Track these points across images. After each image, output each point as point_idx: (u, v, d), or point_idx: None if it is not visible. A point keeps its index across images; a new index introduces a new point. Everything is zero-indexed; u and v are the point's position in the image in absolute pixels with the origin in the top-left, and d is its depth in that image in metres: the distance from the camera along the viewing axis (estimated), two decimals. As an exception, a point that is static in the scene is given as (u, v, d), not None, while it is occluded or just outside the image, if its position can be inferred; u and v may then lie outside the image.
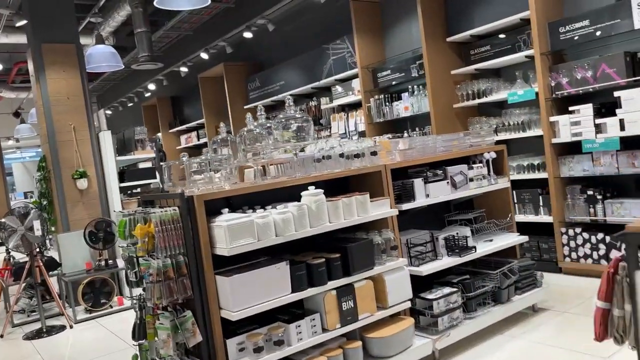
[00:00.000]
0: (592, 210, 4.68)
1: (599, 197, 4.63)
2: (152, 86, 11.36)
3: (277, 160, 3.37)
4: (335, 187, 3.38)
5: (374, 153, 3.45)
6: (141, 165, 6.91)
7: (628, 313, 2.22)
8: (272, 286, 2.80)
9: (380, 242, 3.25)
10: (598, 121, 4.50)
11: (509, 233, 4.15)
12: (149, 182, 6.51)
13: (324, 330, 2.99)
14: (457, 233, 3.84)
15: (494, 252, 3.87)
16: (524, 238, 4.08)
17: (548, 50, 4.81)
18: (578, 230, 4.76)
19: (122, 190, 6.42)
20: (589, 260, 4.70)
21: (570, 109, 4.69)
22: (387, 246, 3.29)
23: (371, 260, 3.17)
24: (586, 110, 4.57)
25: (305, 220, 2.94)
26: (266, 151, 3.18)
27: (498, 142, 4.49)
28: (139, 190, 6.90)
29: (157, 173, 6.30)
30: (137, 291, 3.10)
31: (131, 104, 13.13)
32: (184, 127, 11.48)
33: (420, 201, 3.59)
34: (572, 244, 4.81)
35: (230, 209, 2.96)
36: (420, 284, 3.49)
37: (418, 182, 3.60)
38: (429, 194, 3.63)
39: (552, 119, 4.82)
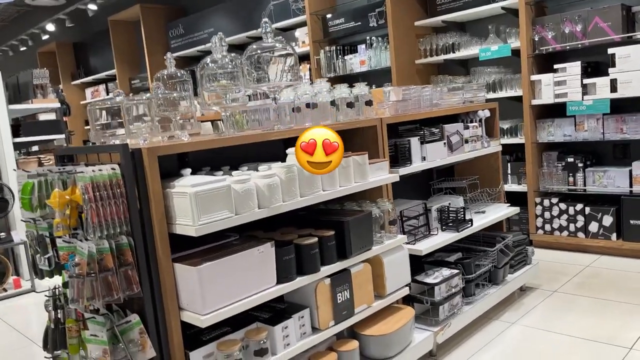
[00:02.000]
0: (571, 179, 4.33)
1: (579, 164, 4.28)
2: (51, 27, 9.65)
3: (247, 107, 2.55)
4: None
5: (369, 103, 2.73)
6: (42, 117, 5.65)
7: None
8: (254, 276, 2.03)
9: (378, 215, 2.58)
10: (586, 81, 4.10)
11: (499, 204, 3.66)
12: (52, 137, 5.31)
13: (315, 330, 2.30)
14: (449, 203, 3.27)
15: (488, 225, 3.35)
16: (515, 209, 3.61)
17: None
18: (554, 200, 4.41)
19: (17, 146, 5.18)
20: (565, 233, 4.38)
21: (556, 66, 4.25)
22: (385, 220, 2.63)
23: (369, 238, 2.49)
24: (573, 69, 4.15)
25: (295, 187, 2.18)
26: (235, 94, 2.34)
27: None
28: (37, 147, 5.67)
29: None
30: (49, 282, 2.19)
31: (24, 49, 11.19)
32: (90, 78, 9.94)
33: (416, 165, 2.95)
34: (547, 215, 4.46)
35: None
36: (410, 264, 2.87)
37: (414, 142, 2.95)
38: (425, 156, 3.00)
39: (533, 77, 4.36)
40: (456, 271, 2.92)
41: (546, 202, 4.45)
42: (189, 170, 2.00)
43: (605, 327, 2.94)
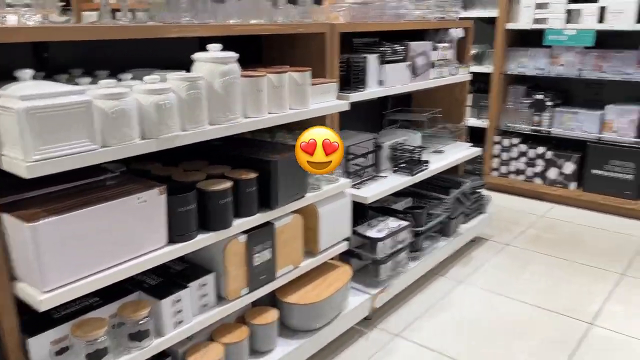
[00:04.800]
0: (536, 118, 3.88)
1: (548, 103, 3.81)
2: None
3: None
4: (239, 54, 1.93)
5: (318, 1, 2.03)
6: None
7: None
8: (129, 235, 1.42)
9: (318, 152, 1.97)
10: (572, 6, 3.53)
11: (459, 142, 3.15)
12: None
13: (221, 300, 1.75)
14: (404, 140, 2.72)
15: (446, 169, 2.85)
16: (477, 150, 3.11)
17: None
18: (515, 141, 3.97)
19: None
20: (521, 177, 3.99)
21: (540, -14, 3.64)
22: (326, 160, 2.03)
23: (303, 183, 1.91)
24: (560, -9, 3.55)
25: (201, 110, 1.52)
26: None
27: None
28: None
29: None
30: None
31: None
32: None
33: (372, 90, 2.33)
34: (505, 156, 4.04)
35: (46, 74, 1.43)
36: (352, 210, 2.34)
37: (372, 61, 2.31)
38: (383, 79, 2.38)
39: (512, -4, 3.74)
40: (405, 223, 2.43)
41: (506, 142, 4.01)
42: (29, 73, 1.28)
43: (562, 295, 2.60)
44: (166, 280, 1.65)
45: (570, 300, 2.54)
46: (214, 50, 1.57)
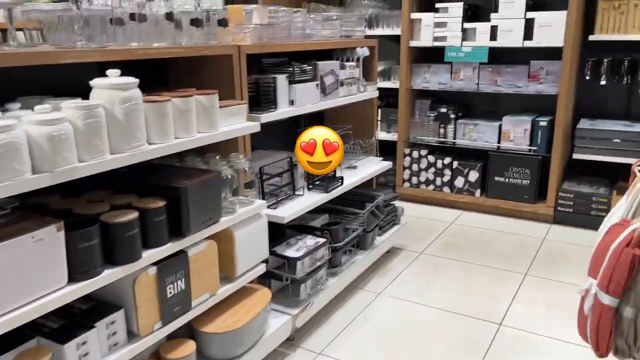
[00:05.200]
0: (442, 130, 4.08)
1: (452, 115, 4.03)
2: None
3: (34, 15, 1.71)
4: (144, 78, 1.87)
5: (223, 23, 2.01)
6: None
7: (647, 314, 1.46)
8: (24, 276, 1.30)
9: (230, 175, 1.95)
10: (467, 25, 3.77)
11: (371, 157, 3.24)
12: None
13: (133, 336, 1.65)
14: (318, 157, 2.74)
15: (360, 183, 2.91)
16: (388, 164, 3.22)
17: None
18: (423, 152, 4.15)
19: None
20: (431, 187, 4.17)
21: (437, 5, 3.85)
22: (239, 182, 2.01)
23: (217, 207, 1.86)
24: (455, 10, 3.78)
25: (102, 139, 1.44)
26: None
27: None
28: None
29: None
30: None
31: None
32: None
33: (283, 110, 2.34)
34: (415, 167, 4.21)
35: None
36: (269, 230, 2.32)
37: (282, 81, 2.32)
38: (293, 99, 2.40)
39: (413, 15, 3.93)
40: (322, 240, 2.45)
41: (415, 154, 4.18)
42: None
43: (473, 298, 2.73)
44: (69, 321, 1.54)
45: (481, 303, 2.68)
46: (113, 75, 1.50)
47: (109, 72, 1.51)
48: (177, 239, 1.71)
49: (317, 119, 3.22)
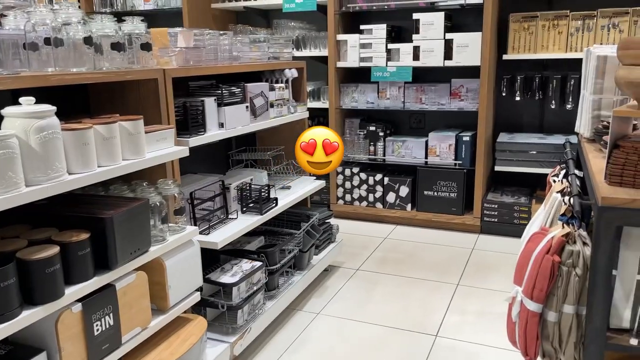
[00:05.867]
0: (372, 148, 4.18)
1: (380, 133, 4.14)
2: None
3: None
4: (63, 104, 1.79)
5: (146, 46, 1.96)
6: None
7: (568, 316, 1.55)
8: None
9: (159, 203, 1.88)
10: (391, 46, 3.91)
11: (304, 177, 3.24)
12: None
13: (57, 381, 1.54)
14: (251, 179, 2.73)
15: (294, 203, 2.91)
16: (322, 183, 3.24)
17: (343, -50, 3.92)
18: (355, 170, 4.23)
19: None
20: (364, 203, 4.25)
21: (362, 27, 3.97)
22: (169, 209, 1.95)
23: (145, 236, 1.79)
24: (379, 32, 3.92)
25: (15, 171, 1.35)
26: None
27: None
28: None
29: None
30: None
31: None
32: None
33: (212, 133, 2.31)
34: (348, 185, 4.27)
35: None
36: (202, 256, 2.25)
37: (210, 104, 2.29)
38: (223, 122, 2.37)
39: (339, 37, 4.03)
40: (258, 263, 2.42)
41: (347, 172, 4.25)
42: None
43: (410, 312, 2.79)
44: (-16, 370, 1.42)
45: (417, 316, 2.74)
46: (27, 103, 1.42)
47: (22, 99, 1.43)
48: (103, 272, 1.63)
49: (249, 139, 3.21)
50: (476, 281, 3.13)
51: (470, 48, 3.65)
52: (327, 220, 3.23)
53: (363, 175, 4.20)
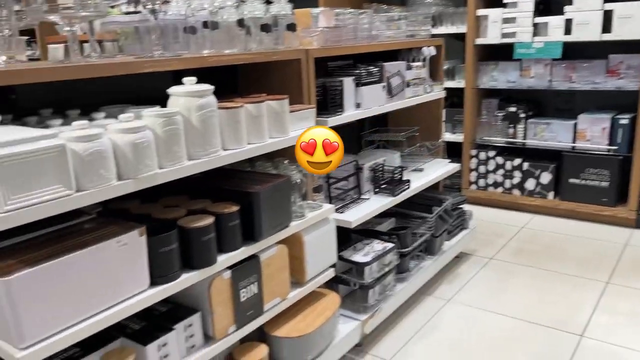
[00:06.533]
0: (511, 130, 3.92)
1: (521, 115, 3.86)
2: None
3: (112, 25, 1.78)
4: (214, 83, 1.90)
5: (291, 27, 2.02)
6: None
7: None
8: (110, 280, 1.35)
9: (300, 180, 1.94)
10: (538, 20, 3.61)
11: (438, 159, 3.15)
12: None
13: (208, 339, 1.68)
14: (384, 160, 2.71)
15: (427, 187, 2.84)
16: (456, 166, 3.12)
17: None
18: (491, 153, 4.01)
19: None
20: (499, 189, 4.02)
21: (505, 1, 3.71)
22: (308, 186, 2.01)
23: (287, 212, 1.87)
24: (525, 4, 3.63)
25: (180, 146, 1.48)
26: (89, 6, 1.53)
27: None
28: None
29: None
30: None
31: None
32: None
33: (349, 113, 2.32)
34: (482, 169, 4.07)
35: (14, 117, 1.37)
36: (337, 234, 2.29)
37: (348, 84, 2.30)
38: (360, 102, 2.37)
39: (480, 12, 3.81)
40: (390, 245, 2.40)
41: (482, 155, 4.05)
42: (-4, 118, 1.22)
43: (550, 307, 2.60)
44: (150, 323, 1.58)
45: (558, 312, 2.54)
46: (190, 83, 1.54)
47: (185, 79, 1.54)
48: (249, 244, 1.73)
49: (381, 120, 3.18)
50: (631, 280, 2.82)
51: (634, 19, 3.23)
52: (460, 206, 3.11)
53: (500, 160, 3.97)
